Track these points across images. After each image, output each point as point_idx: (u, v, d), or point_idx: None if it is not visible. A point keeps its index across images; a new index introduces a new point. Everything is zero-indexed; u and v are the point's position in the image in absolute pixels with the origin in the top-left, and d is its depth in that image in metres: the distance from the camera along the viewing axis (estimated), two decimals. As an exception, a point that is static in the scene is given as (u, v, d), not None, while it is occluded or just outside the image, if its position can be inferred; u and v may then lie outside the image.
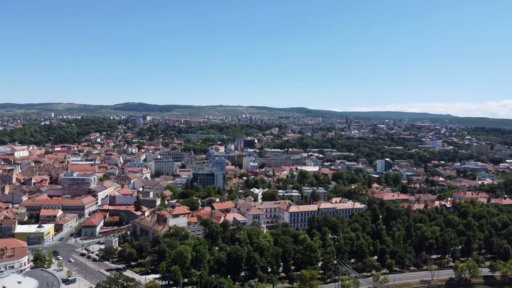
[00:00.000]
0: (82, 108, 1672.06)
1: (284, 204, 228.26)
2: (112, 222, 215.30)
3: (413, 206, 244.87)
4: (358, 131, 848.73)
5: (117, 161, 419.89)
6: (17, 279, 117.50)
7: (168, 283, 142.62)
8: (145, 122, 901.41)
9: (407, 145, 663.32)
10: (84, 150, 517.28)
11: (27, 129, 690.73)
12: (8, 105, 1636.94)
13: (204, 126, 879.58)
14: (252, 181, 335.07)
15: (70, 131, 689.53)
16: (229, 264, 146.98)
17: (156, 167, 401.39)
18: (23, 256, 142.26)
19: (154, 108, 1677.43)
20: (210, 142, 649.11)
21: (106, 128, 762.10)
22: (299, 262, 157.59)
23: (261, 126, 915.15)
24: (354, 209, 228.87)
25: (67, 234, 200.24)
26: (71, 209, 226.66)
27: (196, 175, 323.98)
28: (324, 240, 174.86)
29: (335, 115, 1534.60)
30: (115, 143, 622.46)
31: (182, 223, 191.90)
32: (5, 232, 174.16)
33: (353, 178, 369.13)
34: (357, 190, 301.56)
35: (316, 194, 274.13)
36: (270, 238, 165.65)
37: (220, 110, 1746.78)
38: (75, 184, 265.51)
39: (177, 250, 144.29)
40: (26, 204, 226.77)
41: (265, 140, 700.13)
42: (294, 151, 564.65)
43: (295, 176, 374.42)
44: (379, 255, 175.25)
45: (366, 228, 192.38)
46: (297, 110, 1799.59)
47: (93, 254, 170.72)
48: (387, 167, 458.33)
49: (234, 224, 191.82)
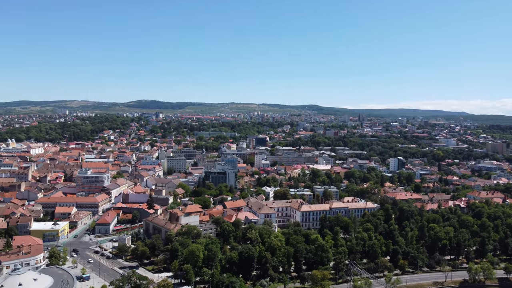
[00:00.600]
0: (96, 105, 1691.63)
1: (296, 203, 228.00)
2: (125, 220, 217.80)
3: (427, 206, 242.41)
4: (371, 129, 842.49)
5: (130, 159, 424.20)
6: (33, 276, 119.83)
7: (180, 282, 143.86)
8: (157, 120, 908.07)
9: (421, 143, 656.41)
10: (98, 148, 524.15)
11: (42, 126, 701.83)
12: (24, 102, 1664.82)
13: (216, 123, 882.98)
14: (264, 180, 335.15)
15: (84, 128, 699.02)
16: (241, 264, 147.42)
17: (168, 165, 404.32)
18: (38, 254, 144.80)
19: (166, 106, 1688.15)
20: (222, 139, 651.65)
21: (120, 125, 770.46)
22: (310, 262, 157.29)
23: (273, 124, 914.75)
24: (366, 209, 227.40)
25: (82, 231, 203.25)
26: (85, 207, 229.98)
27: (208, 173, 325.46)
28: (336, 240, 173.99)
29: (347, 112, 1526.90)
30: (128, 141, 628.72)
31: (194, 221, 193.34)
32: (21, 229, 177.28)
33: (366, 177, 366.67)
34: (369, 189, 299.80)
35: (328, 193, 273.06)
36: (282, 237, 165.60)
37: (232, 107, 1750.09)
38: (89, 181, 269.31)
39: (189, 249, 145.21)
40: (41, 201, 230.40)
41: (277, 138, 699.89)
42: (306, 149, 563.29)
43: (307, 174, 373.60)
44: (392, 256, 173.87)
45: (379, 228, 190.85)
46: (309, 107, 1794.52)
47: (107, 252, 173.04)
48: (400, 165, 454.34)
49: (246, 223, 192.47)
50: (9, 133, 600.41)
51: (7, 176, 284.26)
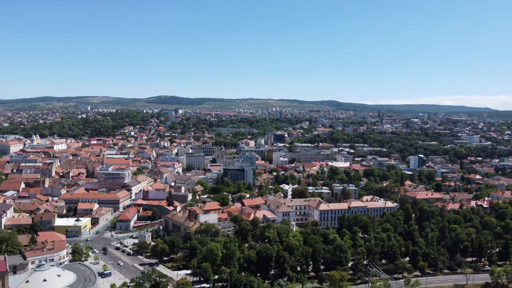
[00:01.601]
0: (116, 101, 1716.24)
1: (314, 201, 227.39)
2: (145, 217, 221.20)
3: (448, 206, 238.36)
4: (391, 125, 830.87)
5: (150, 155, 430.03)
6: (57, 272, 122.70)
7: (199, 280, 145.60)
8: (177, 116, 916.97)
9: (442, 141, 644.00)
10: (119, 144, 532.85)
11: (65, 122, 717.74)
12: (47, 98, 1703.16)
13: (234, 119, 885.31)
14: (282, 177, 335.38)
15: (105, 124, 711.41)
16: (259, 263, 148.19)
17: (187, 161, 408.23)
18: (62, 250, 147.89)
19: (185, 101, 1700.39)
20: (241, 136, 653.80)
21: (140, 121, 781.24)
22: (328, 262, 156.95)
23: (291, 120, 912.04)
24: (385, 208, 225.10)
25: (103, 227, 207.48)
26: (106, 203, 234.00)
27: (226, 170, 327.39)
28: (354, 240, 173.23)
29: (367, 108, 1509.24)
30: (148, 137, 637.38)
31: (213, 219, 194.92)
32: (46, 225, 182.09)
33: (385, 175, 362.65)
34: (389, 187, 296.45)
35: (346, 192, 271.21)
36: (300, 237, 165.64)
37: (251, 103, 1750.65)
38: (110, 178, 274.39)
39: (208, 247, 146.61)
40: (64, 197, 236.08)
41: (295, 134, 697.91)
42: (325, 146, 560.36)
43: (325, 172, 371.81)
44: (411, 257, 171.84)
45: (398, 229, 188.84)
46: (328, 103, 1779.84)
47: (127, 248, 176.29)
48: (421, 163, 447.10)
49: (264, 221, 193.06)
50: (33, 129, 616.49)
51: (32, 172, 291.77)
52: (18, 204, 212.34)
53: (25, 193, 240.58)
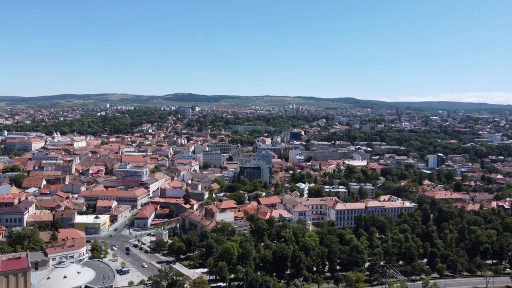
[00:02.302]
0: (134, 98, 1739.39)
1: (331, 201, 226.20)
2: (162, 214, 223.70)
3: (467, 207, 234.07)
4: (409, 123, 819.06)
5: (167, 153, 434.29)
6: (77, 269, 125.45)
7: (215, 278, 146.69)
8: (194, 113, 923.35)
9: (462, 139, 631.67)
10: (137, 141, 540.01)
11: (84, 119, 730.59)
12: (68, 95, 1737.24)
13: (251, 117, 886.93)
14: (298, 175, 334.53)
15: (124, 122, 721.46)
16: (275, 262, 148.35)
17: (204, 159, 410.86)
18: (82, 247, 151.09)
19: (202, 99, 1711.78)
20: (257, 133, 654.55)
21: (157, 119, 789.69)
22: (345, 262, 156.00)
23: (307, 118, 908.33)
24: (403, 208, 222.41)
25: (121, 225, 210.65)
26: (124, 200, 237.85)
27: (243, 169, 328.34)
28: (371, 241, 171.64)
29: (384, 105, 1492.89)
30: (165, 134, 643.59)
31: (229, 218, 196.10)
32: (66, 222, 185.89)
33: (403, 174, 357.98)
34: (406, 187, 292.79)
35: (363, 191, 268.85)
36: (316, 237, 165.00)
37: (267, 100, 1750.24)
38: (128, 176, 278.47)
39: (224, 246, 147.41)
40: (84, 194, 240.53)
41: (312, 132, 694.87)
42: (341, 144, 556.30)
43: (342, 170, 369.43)
44: (429, 259, 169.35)
45: (416, 229, 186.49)
46: (345, 100, 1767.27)
47: (145, 246, 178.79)
48: (440, 162, 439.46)
49: (280, 220, 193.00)
50: (54, 126, 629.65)
51: (52, 169, 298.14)
52: (40, 201, 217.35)
53: (46, 190, 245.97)
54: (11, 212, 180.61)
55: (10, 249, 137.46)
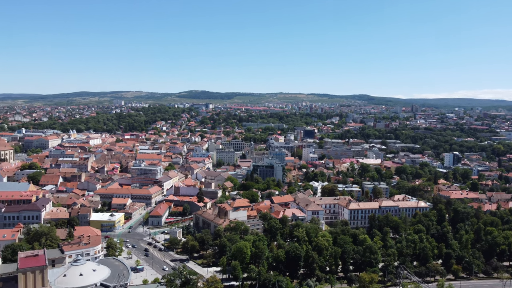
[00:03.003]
0: (149, 95, 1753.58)
1: (344, 200, 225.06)
2: (176, 213, 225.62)
3: (484, 207, 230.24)
4: (425, 121, 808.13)
5: (181, 150, 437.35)
6: (92, 267, 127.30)
7: (228, 277, 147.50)
8: (207, 111, 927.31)
9: (479, 137, 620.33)
10: (151, 139, 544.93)
11: (100, 117, 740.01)
12: (84, 93, 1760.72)
13: (264, 114, 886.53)
14: (312, 174, 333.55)
15: (138, 119, 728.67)
16: (288, 262, 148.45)
17: (217, 157, 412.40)
18: (97, 244, 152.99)
19: (216, 96, 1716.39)
20: (270, 131, 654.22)
21: (171, 116, 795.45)
22: (358, 263, 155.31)
23: (321, 115, 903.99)
24: (417, 208, 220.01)
25: (136, 222, 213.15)
26: (139, 198, 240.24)
27: (256, 167, 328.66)
28: (384, 241, 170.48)
29: (399, 102, 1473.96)
30: (179, 131, 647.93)
31: (242, 216, 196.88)
32: (82, 220, 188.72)
33: (418, 173, 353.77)
34: (421, 186, 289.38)
35: (377, 190, 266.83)
36: (329, 237, 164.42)
37: (280, 97, 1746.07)
38: (142, 174, 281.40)
39: (237, 245, 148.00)
40: (99, 192, 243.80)
41: (325, 130, 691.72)
42: (355, 142, 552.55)
43: (356, 169, 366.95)
44: (444, 260, 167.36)
45: (431, 230, 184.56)
46: (359, 97, 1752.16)
47: (159, 244, 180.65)
48: (456, 161, 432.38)
49: (293, 219, 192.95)
50: (70, 124, 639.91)
51: (69, 166, 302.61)
52: (56, 198, 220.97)
53: (63, 188, 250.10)
54: (29, 209, 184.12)
55: (28, 246, 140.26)
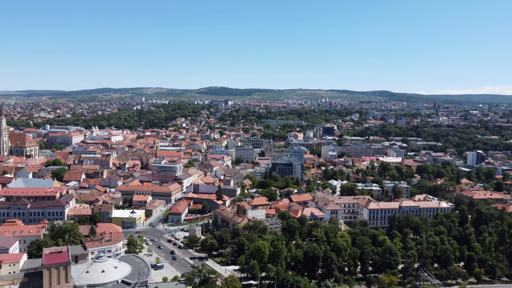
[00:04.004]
0: (169, 92, 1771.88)
1: (363, 200, 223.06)
2: (195, 210, 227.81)
3: (509, 208, 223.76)
4: (447, 118, 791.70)
5: (200, 147, 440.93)
6: (114, 264, 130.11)
7: (247, 276, 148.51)
8: (226, 107, 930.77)
9: (504, 134, 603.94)
10: (171, 135, 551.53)
11: (121, 114, 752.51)
12: (106, 89, 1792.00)
13: (283, 111, 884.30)
14: (331, 172, 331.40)
15: (159, 116, 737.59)
16: (306, 262, 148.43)
17: (236, 154, 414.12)
18: (118, 241, 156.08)
19: (235, 92, 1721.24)
20: (289, 128, 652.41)
21: (191, 113, 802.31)
22: (377, 264, 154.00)
23: (340, 112, 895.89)
24: (439, 209, 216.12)
25: (156, 219, 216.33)
26: (159, 195, 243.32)
27: (274, 165, 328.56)
28: (405, 242, 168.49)
29: (421, 99, 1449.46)
30: (199, 128, 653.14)
31: (261, 215, 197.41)
32: (104, 216, 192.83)
33: (440, 172, 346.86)
34: (443, 186, 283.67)
35: (397, 189, 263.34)
36: (348, 237, 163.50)
37: (300, 94, 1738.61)
38: (163, 171, 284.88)
39: (255, 244, 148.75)
40: (121, 189, 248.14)
41: (345, 127, 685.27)
42: (375, 140, 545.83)
43: (376, 167, 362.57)
44: (466, 263, 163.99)
45: (452, 232, 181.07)
46: (379, 93, 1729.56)
47: (179, 242, 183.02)
48: (479, 159, 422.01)
49: (312, 219, 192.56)
50: (93, 120, 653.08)
51: (91, 163, 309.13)
52: (79, 194, 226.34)
53: (85, 184, 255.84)
54: (53, 206, 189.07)
55: (52, 242, 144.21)
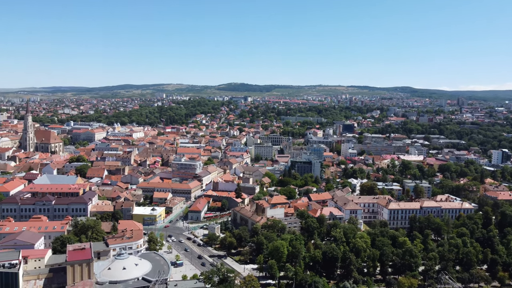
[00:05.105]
0: (189, 88, 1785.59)
1: (384, 200, 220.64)
2: (214, 208, 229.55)
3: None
4: (471, 115, 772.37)
5: (220, 144, 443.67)
6: (135, 261, 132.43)
7: (265, 275, 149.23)
8: (246, 104, 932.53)
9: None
10: (191, 132, 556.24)
11: (142, 110, 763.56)
12: (127, 86, 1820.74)
13: (302, 108, 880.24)
14: (350, 170, 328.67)
15: (179, 112, 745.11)
16: (324, 263, 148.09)
17: (255, 152, 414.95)
18: (139, 239, 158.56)
19: (254, 88, 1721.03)
20: (309, 125, 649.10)
21: (210, 109, 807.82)
22: (397, 266, 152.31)
23: (361, 108, 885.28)
24: (462, 210, 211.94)
25: (176, 217, 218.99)
26: (179, 193, 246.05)
27: (294, 163, 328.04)
28: (425, 244, 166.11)
29: (444, 95, 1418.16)
30: (218, 125, 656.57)
31: (279, 214, 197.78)
32: (125, 213, 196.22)
33: (463, 171, 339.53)
34: (466, 186, 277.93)
35: (419, 189, 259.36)
36: (367, 238, 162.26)
37: (319, 90, 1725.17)
38: (183, 168, 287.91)
39: (274, 244, 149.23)
40: (141, 186, 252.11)
41: (365, 124, 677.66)
42: (397, 137, 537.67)
43: (397, 166, 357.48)
44: (489, 266, 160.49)
45: (475, 234, 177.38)
46: (401, 89, 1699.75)
47: (198, 239, 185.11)
48: (505, 158, 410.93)
49: (331, 218, 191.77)
50: (115, 117, 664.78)
51: (113, 159, 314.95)
52: (102, 191, 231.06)
53: (107, 180, 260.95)
54: (77, 202, 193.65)
55: (76, 238, 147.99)
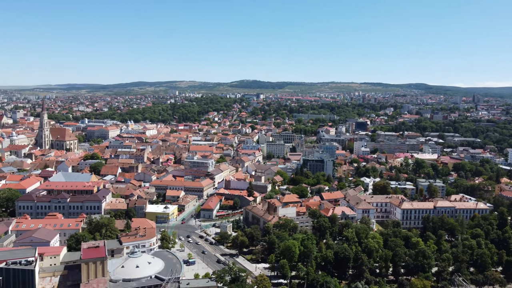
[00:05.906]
0: (202, 85, 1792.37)
1: (396, 199, 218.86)
2: (226, 206, 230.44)
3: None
4: (487, 112, 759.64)
5: (232, 142, 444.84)
6: (148, 259, 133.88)
7: (276, 275, 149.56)
8: (258, 101, 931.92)
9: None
10: (204, 129, 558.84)
11: (155, 107, 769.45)
12: (141, 83, 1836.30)
13: (315, 105, 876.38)
14: (363, 169, 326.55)
15: (192, 109, 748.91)
16: (336, 263, 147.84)
17: (268, 150, 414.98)
18: (152, 237, 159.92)
19: (267, 85, 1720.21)
20: (321, 123, 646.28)
21: (223, 107, 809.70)
22: (410, 267, 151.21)
23: (374, 106, 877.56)
24: (476, 210, 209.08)
25: (188, 215, 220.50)
26: (191, 191, 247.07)
27: (306, 161, 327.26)
28: (439, 245, 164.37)
29: (459, 92, 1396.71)
30: (230, 122, 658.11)
31: (291, 213, 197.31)
32: (138, 211, 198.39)
33: (478, 170, 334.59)
34: (481, 185, 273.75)
35: (432, 188, 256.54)
36: (380, 238, 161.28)
37: (332, 87, 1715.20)
38: (195, 166, 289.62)
39: (285, 243, 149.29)
40: (154, 184, 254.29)
41: (378, 122, 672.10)
42: (410, 135, 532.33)
43: (410, 164, 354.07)
44: (504, 268, 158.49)
45: (490, 235, 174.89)
46: (415, 86, 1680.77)
47: (210, 238, 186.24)
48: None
49: (343, 218, 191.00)
50: (128, 114, 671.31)
51: (127, 157, 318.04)
52: (115, 188, 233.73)
53: (121, 178, 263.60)
54: (91, 200, 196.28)
55: (90, 236, 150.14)
